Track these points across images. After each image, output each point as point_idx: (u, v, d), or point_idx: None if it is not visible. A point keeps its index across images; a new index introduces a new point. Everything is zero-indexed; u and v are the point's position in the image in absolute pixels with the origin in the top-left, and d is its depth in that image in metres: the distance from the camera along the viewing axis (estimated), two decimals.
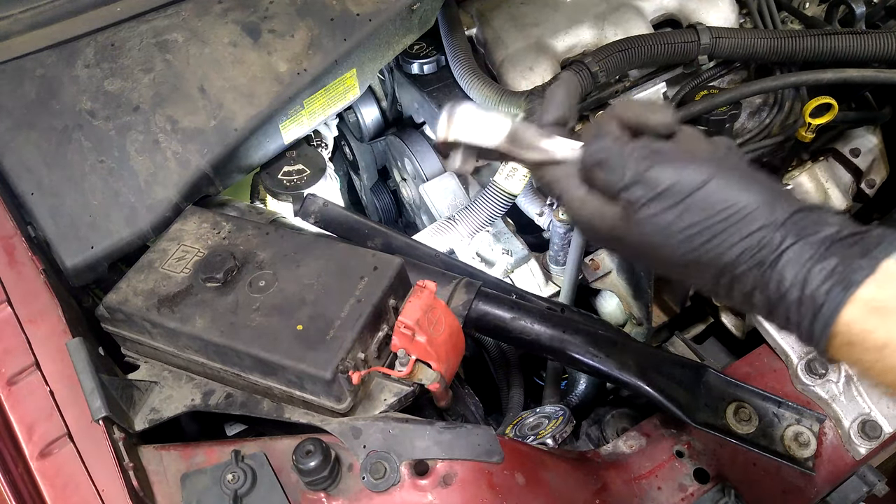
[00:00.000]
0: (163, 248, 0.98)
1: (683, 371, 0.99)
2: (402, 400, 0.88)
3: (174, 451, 0.85)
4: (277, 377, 0.86)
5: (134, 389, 0.92)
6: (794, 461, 0.91)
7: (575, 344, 1.00)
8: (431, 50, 1.49)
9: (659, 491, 0.91)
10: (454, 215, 1.36)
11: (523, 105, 1.27)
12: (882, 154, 1.57)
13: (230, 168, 1.13)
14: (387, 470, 0.79)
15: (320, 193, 1.20)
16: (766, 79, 1.36)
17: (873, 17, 1.56)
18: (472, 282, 1.07)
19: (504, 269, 1.34)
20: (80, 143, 1.07)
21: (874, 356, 0.60)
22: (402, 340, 0.87)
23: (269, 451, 0.82)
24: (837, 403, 0.96)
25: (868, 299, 0.59)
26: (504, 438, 0.85)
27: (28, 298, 0.94)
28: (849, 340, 0.61)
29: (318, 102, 1.20)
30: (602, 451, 0.96)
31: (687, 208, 0.64)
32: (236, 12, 1.19)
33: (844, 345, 0.61)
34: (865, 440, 0.94)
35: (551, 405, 1.07)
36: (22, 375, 0.88)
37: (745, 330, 1.34)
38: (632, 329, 1.38)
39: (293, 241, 0.97)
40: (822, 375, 0.97)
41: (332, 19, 1.19)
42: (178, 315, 0.89)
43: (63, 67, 1.12)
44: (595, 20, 1.43)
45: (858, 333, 0.60)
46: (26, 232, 1.02)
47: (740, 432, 0.93)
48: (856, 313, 0.60)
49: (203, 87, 1.12)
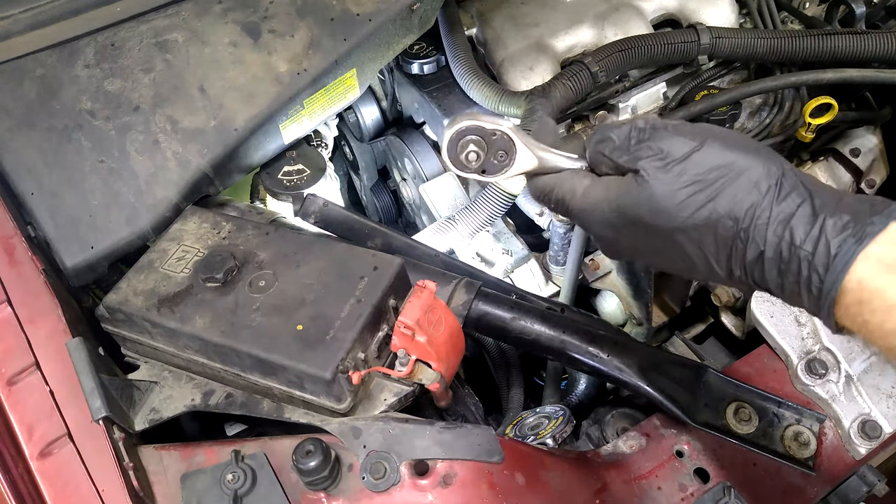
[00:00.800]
0: (163, 248, 0.98)
1: (683, 371, 0.99)
2: (402, 400, 0.88)
3: (174, 451, 0.85)
4: (277, 377, 0.86)
5: (134, 389, 0.92)
6: (794, 461, 0.92)
7: (575, 344, 1.00)
8: (431, 50, 1.49)
9: (659, 491, 0.91)
10: (454, 215, 1.36)
11: (523, 105, 1.27)
12: (882, 154, 1.57)
13: (230, 168, 1.13)
14: (387, 470, 0.79)
15: (320, 193, 1.20)
16: (766, 79, 1.36)
17: (873, 17, 1.56)
18: (472, 282, 1.07)
19: (504, 269, 1.34)
20: (80, 143, 1.07)
21: (882, 317, 0.59)
22: (402, 340, 0.87)
23: (269, 451, 0.82)
24: (837, 403, 0.96)
25: (881, 256, 0.59)
26: (504, 438, 0.85)
27: (28, 298, 0.94)
28: (859, 298, 0.60)
29: (318, 102, 1.20)
30: (602, 451, 0.96)
31: (687, 167, 0.66)
32: (236, 12, 1.19)
33: (854, 303, 0.60)
34: (865, 440, 0.94)
35: (551, 405, 1.07)
36: (22, 375, 0.88)
37: (745, 330, 1.34)
38: (632, 329, 1.38)
39: (293, 241, 0.97)
40: (822, 375, 0.97)
41: (332, 19, 1.19)
42: (178, 315, 0.89)
43: (63, 67, 1.12)
44: (595, 20, 1.43)
45: (870, 291, 0.59)
46: (26, 232, 1.02)
47: (740, 432, 0.93)
48: (868, 270, 0.59)
49: (203, 87, 1.12)
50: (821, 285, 0.62)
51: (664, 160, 0.67)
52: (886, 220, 0.60)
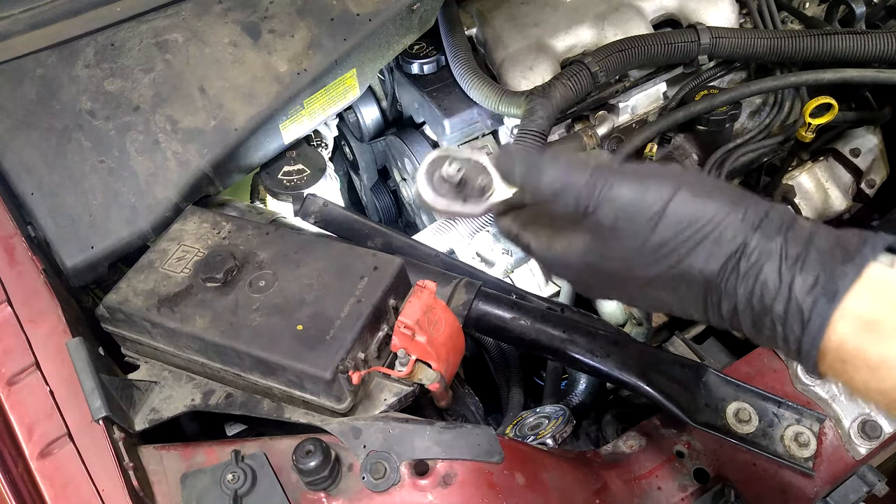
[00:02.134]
0: (163, 248, 0.98)
1: (683, 371, 0.99)
2: (402, 400, 0.88)
3: (174, 451, 0.85)
4: (277, 377, 0.86)
5: (134, 389, 0.92)
6: (794, 461, 0.92)
7: (575, 344, 1.00)
8: (431, 50, 1.49)
9: (659, 491, 0.91)
10: None
11: (523, 105, 1.27)
12: (882, 154, 1.57)
13: (230, 168, 1.13)
14: (387, 470, 0.79)
15: (320, 193, 1.20)
16: (766, 79, 1.36)
17: (873, 17, 1.56)
18: (472, 282, 1.07)
19: (504, 269, 1.34)
20: (80, 143, 1.07)
21: (866, 377, 0.56)
22: (402, 340, 0.87)
23: (269, 451, 0.82)
24: (837, 403, 0.96)
25: (859, 313, 0.56)
26: (504, 438, 0.85)
27: (28, 298, 0.94)
28: (841, 358, 0.57)
29: (318, 102, 1.20)
30: (602, 451, 0.96)
31: (658, 224, 0.61)
32: (236, 12, 1.19)
33: (837, 361, 0.57)
34: (865, 440, 0.94)
35: (551, 405, 1.07)
36: (22, 375, 0.88)
37: None
38: (632, 329, 1.38)
39: (293, 241, 0.97)
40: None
41: (332, 19, 1.19)
42: (178, 315, 0.89)
43: (63, 67, 1.12)
44: (595, 20, 1.43)
45: (850, 352, 0.56)
46: (26, 232, 1.02)
47: (740, 432, 0.93)
48: (846, 329, 0.56)
49: (203, 87, 1.12)
50: (799, 346, 0.58)
51: (631, 220, 0.62)
52: (859, 268, 0.56)
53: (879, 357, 0.55)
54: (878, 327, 0.55)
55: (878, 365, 0.55)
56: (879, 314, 0.55)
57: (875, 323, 0.55)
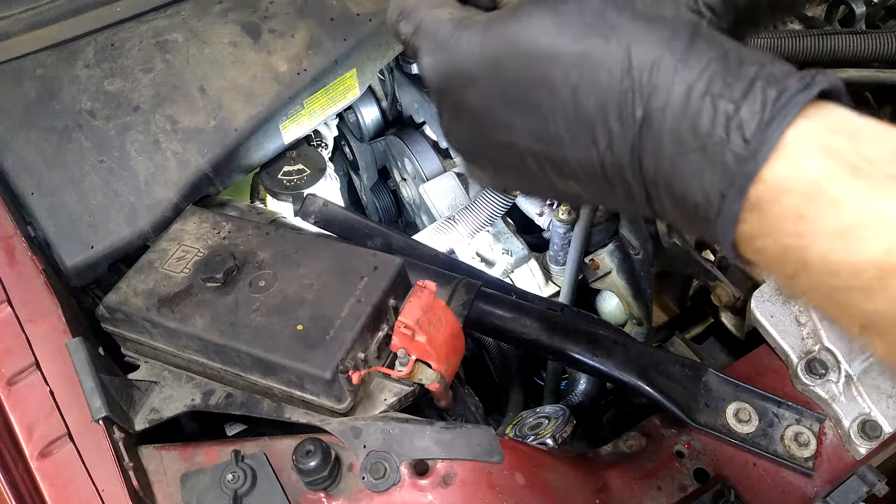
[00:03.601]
0: (163, 248, 0.98)
1: (683, 371, 0.99)
2: (402, 400, 0.88)
3: (174, 451, 0.85)
4: (277, 377, 0.86)
5: (134, 389, 0.92)
6: (793, 461, 0.92)
7: (575, 344, 1.00)
8: None
9: (659, 491, 0.91)
10: (454, 215, 1.36)
11: None
12: None
13: (230, 168, 1.13)
14: (387, 470, 0.79)
15: (320, 193, 1.20)
16: None
17: (873, 17, 1.56)
18: (472, 282, 1.07)
19: (504, 269, 1.34)
20: (80, 143, 1.07)
21: (833, 243, 0.41)
22: (402, 340, 0.87)
23: (269, 451, 0.82)
24: (837, 403, 0.96)
25: (824, 143, 0.43)
26: (504, 438, 0.85)
27: (28, 298, 0.94)
28: (798, 212, 0.42)
29: (318, 102, 1.20)
30: (602, 451, 0.96)
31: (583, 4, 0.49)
32: (236, 12, 1.19)
33: (779, 219, 0.43)
34: (865, 440, 0.94)
35: (551, 405, 1.07)
36: (22, 375, 0.88)
37: (745, 330, 1.34)
38: (632, 329, 1.38)
39: (293, 241, 0.97)
40: (822, 375, 0.97)
41: (332, 19, 1.19)
42: (178, 315, 0.89)
43: (63, 67, 1.12)
44: None
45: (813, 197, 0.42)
46: (26, 232, 1.02)
47: (740, 432, 0.93)
48: (815, 166, 0.42)
49: (203, 87, 1.12)
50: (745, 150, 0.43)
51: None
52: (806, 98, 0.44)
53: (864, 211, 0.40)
54: (858, 168, 0.41)
55: (851, 227, 0.40)
56: (842, 147, 0.42)
57: (841, 155, 0.41)
